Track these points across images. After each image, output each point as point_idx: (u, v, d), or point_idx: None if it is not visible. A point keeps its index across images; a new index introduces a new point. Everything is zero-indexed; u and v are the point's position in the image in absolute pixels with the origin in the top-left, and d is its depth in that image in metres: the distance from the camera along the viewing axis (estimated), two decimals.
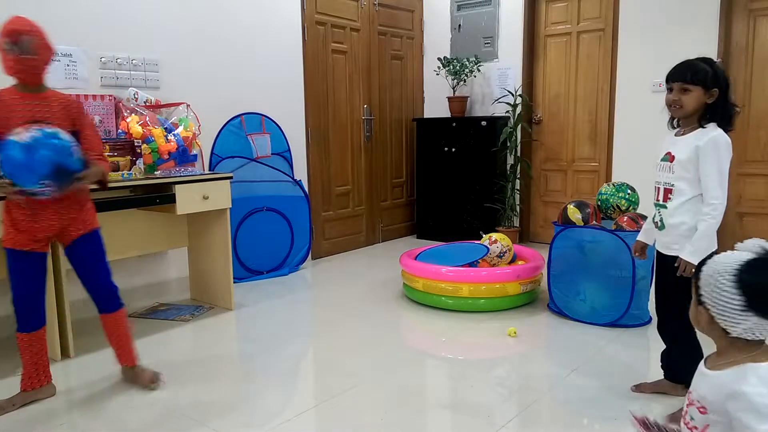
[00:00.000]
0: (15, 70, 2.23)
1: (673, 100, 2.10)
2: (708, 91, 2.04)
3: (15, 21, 2.21)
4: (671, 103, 2.11)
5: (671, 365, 2.38)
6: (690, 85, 2.05)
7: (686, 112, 2.09)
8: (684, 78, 2.06)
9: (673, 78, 2.10)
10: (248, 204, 4.28)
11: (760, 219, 4.43)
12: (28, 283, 2.34)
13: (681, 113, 2.11)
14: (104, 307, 2.50)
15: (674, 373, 2.37)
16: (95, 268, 2.46)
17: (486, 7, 5.48)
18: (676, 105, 2.09)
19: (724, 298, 1.18)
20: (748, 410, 1.13)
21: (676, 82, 2.08)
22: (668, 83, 2.12)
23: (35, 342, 2.41)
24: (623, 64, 4.75)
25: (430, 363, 2.96)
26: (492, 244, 3.76)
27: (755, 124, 4.38)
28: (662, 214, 2.20)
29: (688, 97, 2.06)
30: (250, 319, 3.52)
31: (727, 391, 1.16)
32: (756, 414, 1.12)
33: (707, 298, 1.21)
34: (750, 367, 1.16)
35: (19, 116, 2.22)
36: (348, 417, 2.31)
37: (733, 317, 1.17)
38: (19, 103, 2.25)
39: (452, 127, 5.45)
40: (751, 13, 4.31)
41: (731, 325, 1.18)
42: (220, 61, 4.13)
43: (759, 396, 1.12)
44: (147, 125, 3.28)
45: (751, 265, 1.17)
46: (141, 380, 2.56)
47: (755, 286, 1.15)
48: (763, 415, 1.11)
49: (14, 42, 2.17)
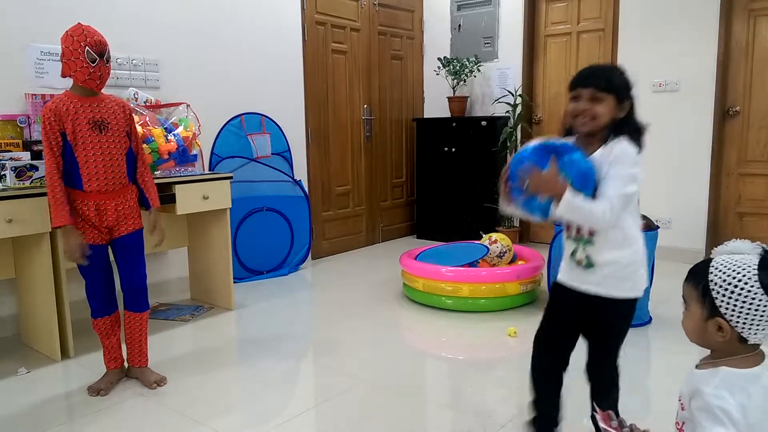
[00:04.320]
0: (91, 78, 2.33)
1: (582, 110, 1.68)
2: (621, 103, 1.68)
3: (95, 32, 2.34)
4: (579, 113, 1.69)
5: None
6: (604, 94, 1.67)
7: (598, 125, 1.68)
8: (598, 84, 1.68)
9: (582, 83, 1.71)
10: (248, 204, 4.28)
11: (760, 219, 4.44)
12: (98, 274, 2.49)
13: (591, 126, 1.68)
14: (133, 305, 2.59)
15: None
16: (134, 266, 2.56)
17: (486, 7, 5.48)
18: (586, 116, 1.68)
19: (755, 304, 1.13)
20: (703, 409, 1.13)
21: (586, 88, 1.69)
22: (574, 90, 1.73)
23: (108, 326, 2.57)
24: (623, 64, 4.74)
25: (430, 363, 2.96)
26: (492, 244, 3.76)
27: (755, 124, 4.38)
28: (588, 251, 1.73)
29: (602, 107, 1.67)
30: (250, 319, 3.52)
31: (693, 388, 1.17)
32: (708, 414, 1.12)
33: (729, 307, 1.15)
34: (720, 369, 1.16)
35: (83, 119, 2.36)
36: (348, 417, 2.31)
37: (758, 323, 1.14)
38: (81, 106, 2.37)
39: (452, 127, 5.45)
40: (751, 13, 4.31)
41: (756, 331, 1.14)
42: (220, 61, 4.14)
43: (715, 397, 1.12)
44: (147, 125, 3.27)
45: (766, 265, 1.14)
46: (147, 380, 2.60)
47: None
48: (714, 416, 1.10)
49: (102, 53, 2.33)
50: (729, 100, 4.45)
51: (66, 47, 2.31)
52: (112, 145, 2.42)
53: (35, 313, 2.97)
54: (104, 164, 2.39)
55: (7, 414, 2.36)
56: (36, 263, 2.86)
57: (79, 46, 2.28)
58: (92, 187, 2.38)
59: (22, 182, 2.73)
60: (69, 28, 2.34)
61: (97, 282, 2.50)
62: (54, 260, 2.84)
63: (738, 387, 1.13)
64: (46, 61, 3.26)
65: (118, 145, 2.44)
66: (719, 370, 1.16)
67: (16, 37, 3.16)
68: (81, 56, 2.28)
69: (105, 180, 2.40)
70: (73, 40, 2.29)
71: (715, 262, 1.19)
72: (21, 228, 2.67)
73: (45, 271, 2.81)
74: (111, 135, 2.42)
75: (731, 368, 1.15)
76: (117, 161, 2.43)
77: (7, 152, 2.95)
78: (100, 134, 2.38)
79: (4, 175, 2.73)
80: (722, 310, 1.16)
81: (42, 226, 2.73)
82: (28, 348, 3.05)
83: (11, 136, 3.08)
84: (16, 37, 3.16)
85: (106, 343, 2.58)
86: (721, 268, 1.17)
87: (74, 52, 2.29)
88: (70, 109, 2.34)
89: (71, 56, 2.30)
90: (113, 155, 2.42)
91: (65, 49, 2.31)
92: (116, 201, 2.45)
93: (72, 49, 2.29)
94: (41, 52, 3.25)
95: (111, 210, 2.44)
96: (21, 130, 3.12)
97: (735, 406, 1.10)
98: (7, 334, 3.20)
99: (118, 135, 2.44)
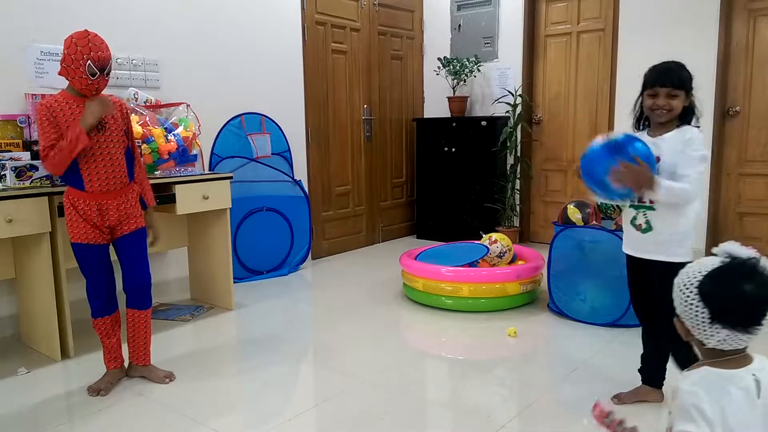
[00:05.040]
0: (88, 89, 2.31)
1: (661, 105, 2.10)
2: (688, 95, 2.10)
3: (100, 46, 2.27)
4: (659, 108, 2.10)
5: (649, 368, 2.39)
6: (678, 90, 2.08)
7: (674, 116, 2.11)
8: (673, 83, 2.08)
9: (660, 83, 2.10)
10: (248, 204, 4.28)
11: (760, 219, 4.44)
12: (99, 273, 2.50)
13: (668, 117, 2.11)
14: (136, 302, 2.59)
15: (652, 377, 2.38)
16: (139, 263, 2.56)
17: (486, 7, 5.48)
18: (665, 109, 2.10)
19: (692, 311, 1.15)
20: (678, 406, 1.13)
21: (664, 87, 2.09)
22: (652, 88, 2.11)
23: (109, 326, 2.57)
24: (623, 64, 4.75)
25: (430, 363, 2.96)
26: (492, 244, 3.76)
27: (755, 124, 4.38)
28: (648, 216, 2.15)
29: (677, 101, 2.09)
30: (250, 319, 3.52)
31: (674, 387, 1.17)
32: (681, 411, 1.11)
33: (679, 311, 1.19)
34: (701, 369, 1.16)
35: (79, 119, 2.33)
36: (348, 417, 2.31)
37: (703, 329, 1.15)
38: (77, 107, 2.34)
39: (452, 127, 5.45)
40: (751, 13, 4.31)
41: (705, 337, 1.16)
42: (220, 61, 4.14)
43: (689, 395, 1.11)
44: (147, 125, 3.28)
45: (713, 275, 1.14)
46: (156, 376, 2.62)
47: (717, 298, 1.13)
48: (687, 413, 1.10)
49: (103, 68, 2.29)
50: (729, 100, 4.45)
51: (68, 54, 2.24)
52: (111, 144, 2.41)
53: (35, 313, 2.97)
54: (104, 164, 2.39)
55: (7, 414, 2.36)
56: (36, 263, 2.86)
57: (81, 57, 2.22)
58: (94, 188, 2.38)
59: (22, 182, 2.73)
60: (74, 33, 2.27)
61: (97, 281, 2.50)
62: (54, 260, 2.84)
63: (717, 386, 1.12)
64: (46, 61, 3.26)
65: (117, 145, 2.43)
66: (700, 369, 1.16)
67: (16, 37, 3.16)
68: (81, 68, 2.24)
69: (106, 180, 2.40)
70: (77, 50, 2.23)
71: (686, 266, 1.21)
72: (21, 228, 2.67)
73: (45, 271, 2.81)
74: (110, 134, 2.41)
75: (712, 368, 1.15)
76: (117, 161, 2.43)
77: (7, 152, 2.95)
78: (99, 134, 2.38)
79: (4, 175, 2.73)
80: (678, 310, 1.20)
81: (42, 226, 2.73)
82: (28, 348, 3.05)
83: (11, 136, 3.08)
84: (16, 37, 3.16)
85: (106, 343, 2.58)
86: (685, 270, 1.20)
87: (75, 61, 2.23)
88: (66, 112, 2.32)
89: (71, 64, 2.25)
90: (113, 155, 2.41)
91: (66, 55, 2.25)
92: (118, 200, 2.45)
93: (73, 58, 2.23)
94: (41, 52, 3.24)
95: (113, 209, 2.43)
96: (21, 130, 3.12)
97: (710, 404, 1.09)
98: (7, 334, 3.20)
99: (116, 134, 2.44)
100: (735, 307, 1.12)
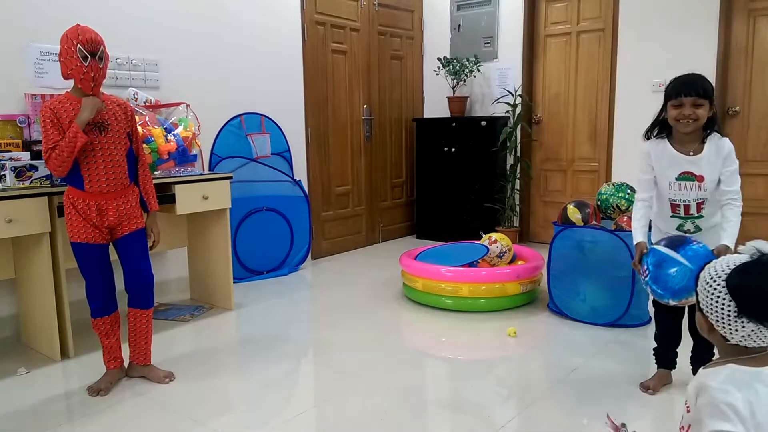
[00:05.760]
0: (85, 78, 2.31)
1: (687, 115, 2.17)
2: (711, 105, 2.19)
3: (88, 30, 2.32)
4: (685, 117, 2.17)
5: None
6: (703, 100, 2.16)
7: (699, 126, 2.20)
8: (698, 93, 2.15)
9: (686, 93, 2.16)
10: (248, 204, 4.28)
11: (760, 219, 4.43)
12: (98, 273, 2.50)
13: (694, 127, 2.19)
14: (138, 302, 2.59)
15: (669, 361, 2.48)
16: (140, 262, 2.56)
17: (486, 7, 5.48)
18: (691, 119, 2.17)
19: (719, 304, 1.16)
20: (708, 404, 1.12)
21: (689, 97, 2.16)
22: (677, 98, 2.18)
23: (109, 326, 2.57)
24: (623, 64, 4.75)
25: (430, 363, 2.96)
26: (492, 244, 3.76)
27: (755, 124, 4.38)
28: (697, 222, 2.31)
29: (702, 111, 2.17)
30: (250, 319, 3.52)
31: (699, 385, 1.16)
32: (713, 409, 1.10)
33: (704, 305, 1.20)
34: (727, 366, 1.16)
35: None
36: (348, 417, 2.30)
37: (728, 323, 1.15)
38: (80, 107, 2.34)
39: (452, 127, 5.45)
40: (751, 13, 4.31)
41: (729, 332, 1.16)
42: (220, 61, 4.14)
43: (721, 392, 1.11)
44: (147, 125, 3.27)
45: (742, 269, 1.15)
46: (157, 375, 2.62)
47: (746, 291, 1.13)
48: (720, 411, 1.09)
49: (94, 51, 2.30)
50: (729, 100, 4.45)
51: (62, 46, 2.33)
52: (112, 146, 2.42)
53: (35, 313, 2.97)
54: (105, 165, 2.39)
55: (7, 414, 2.36)
56: (36, 263, 2.86)
57: (72, 44, 2.29)
58: (93, 188, 2.39)
59: (22, 182, 2.73)
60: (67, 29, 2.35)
61: (97, 282, 2.50)
62: (54, 260, 2.84)
63: (745, 383, 1.12)
64: (45, 61, 3.26)
65: (118, 146, 2.44)
66: (726, 367, 1.16)
67: (16, 37, 3.16)
68: (74, 54, 2.29)
69: (106, 181, 2.40)
70: (68, 39, 2.31)
71: (713, 261, 1.22)
72: (21, 228, 2.67)
73: (45, 271, 2.81)
74: (111, 136, 2.42)
75: (738, 365, 1.15)
76: (118, 162, 2.44)
77: (7, 152, 2.95)
78: (100, 135, 2.39)
79: (4, 175, 2.73)
80: (701, 305, 1.20)
81: (42, 226, 2.73)
82: (28, 348, 3.05)
83: (11, 136, 3.08)
84: (16, 37, 3.16)
85: (105, 343, 2.58)
86: (712, 264, 1.21)
87: (68, 50, 2.30)
88: (69, 111, 2.34)
89: (66, 55, 2.31)
90: (114, 156, 2.42)
91: (61, 48, 2.33)
92: (117, 201, 2.45)
93: (66, 48, 2.31)
94: (41, 52, 3.25)
95: (112, 210, 2.44)
96: (21, 130, 3.12)
97: (742, 401, 1.09)
98: (6, 334, 3.20)
99: (118, 136, 2.45)
100: (763, 301, 1.13)
